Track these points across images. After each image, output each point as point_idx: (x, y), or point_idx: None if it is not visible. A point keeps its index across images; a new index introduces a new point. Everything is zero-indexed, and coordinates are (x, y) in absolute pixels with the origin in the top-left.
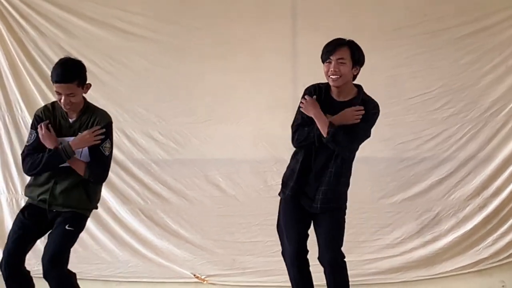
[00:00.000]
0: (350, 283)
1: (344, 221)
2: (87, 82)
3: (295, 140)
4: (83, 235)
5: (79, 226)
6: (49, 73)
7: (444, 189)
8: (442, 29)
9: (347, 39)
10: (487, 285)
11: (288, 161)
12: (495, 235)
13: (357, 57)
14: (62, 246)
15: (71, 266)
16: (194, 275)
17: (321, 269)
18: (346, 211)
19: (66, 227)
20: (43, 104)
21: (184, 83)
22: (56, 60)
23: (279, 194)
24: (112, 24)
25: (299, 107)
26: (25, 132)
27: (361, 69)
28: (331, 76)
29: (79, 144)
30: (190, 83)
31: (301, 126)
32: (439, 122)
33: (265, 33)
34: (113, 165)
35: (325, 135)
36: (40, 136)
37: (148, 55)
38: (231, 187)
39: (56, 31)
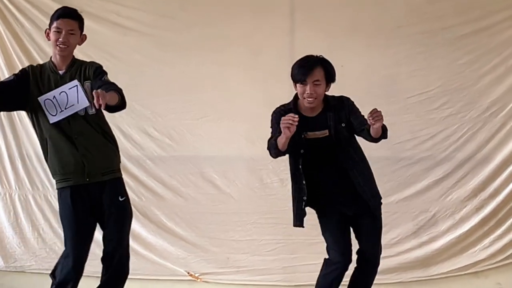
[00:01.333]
0: (344, 283)
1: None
2: (84, 34)
3: (270, 153)
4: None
5: (125, 190)
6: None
7: (441, 190)
8: (441, 29)
9: (319, 56)
10: (483, 287)
11: (284, 160)
12: (492, 237)
13: (330, 76)
14: (126, 229)
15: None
16: (188, 273)
17: None
18: None
19: (119, 198)
20: None
21: (179, 79)
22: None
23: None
24: (108, 18)
25: (272, 131)
26: (20, 126)
27: (359, 67)
28: (307, 99)
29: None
30: (187, 79)
31: (271, 139)
32: (437, 122)
33: (263, 30)
34: None
35: (380, 134)
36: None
37: (144, 50)
38: (226, 185)
39: None
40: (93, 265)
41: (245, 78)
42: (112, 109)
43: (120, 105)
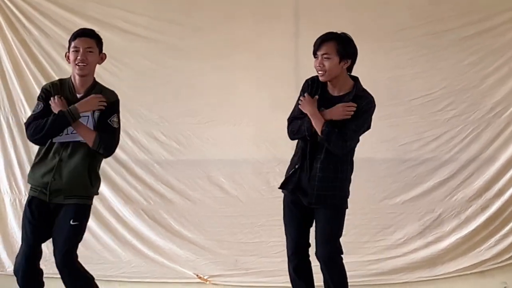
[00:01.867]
0: (352, 283)
1: (343, 218)
2: (103, 53)
3: (289, 132)
4: (86, 235)
5: (84, 217)
6: (53, 73)
7: (447, 190)
8: (445, 30)
9: (339, 32)
10: (489, 286)
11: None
12: (497, 236)
13: (343, 51)
14: (70, 243)
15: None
16: (197, 276)
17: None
18: (348, 211)
19: (71, 222)
20: None
21: (187, 84)
22: (59, 60)
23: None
24: (115, 24)
25: (298, 99)
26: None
27: (363, 69)
28: (318, 72)
29: (84, 106)
30: (193, 84)
31: (295, 119)
32: (441, 123)
33: (268, 34)
34: (116, 165)
35: (319, 134)
36: (52, 105)
37: (151, 56)
38: (233, 188)
39: (60, 32)
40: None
41: (251, 82)
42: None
43: (97, 150)
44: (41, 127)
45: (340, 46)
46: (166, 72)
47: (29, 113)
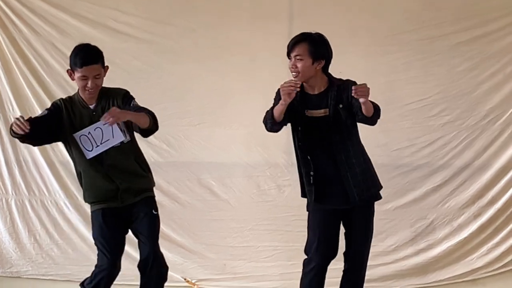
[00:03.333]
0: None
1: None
2: (106, 65)
3: (264, 124)
4: (72, 236)
5: (157, 208)
6: (42, 72)
7: (439, 197)
8: (439, 36)
9: (313, 32)
10: None
11: (281, 166)
12: (489, 244)
13: (315, 52)
14: (157, 233)
15: (59, 268)
16: (185, 279)
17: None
18: None
19: (153, 211)
20: (35, 103)
21: (178, 85)
22: (49, 59)
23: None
24: (107, 24)
25: (275, 99)
26: None
27: (357, 74)
28: (291, 73)
29: (120, 118)
30: (184, 85)
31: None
32: (435, 129)
33: (261, 35)
34: None
35: (371, 112)
36: None
37: (142, 56)
38: (223, 191)
39: (50, 30)
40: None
41: (243, 84)
42: (145, 132)
43: (153, 127)
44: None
45: (312, 47)
46: (157, 73)
47: (17, 111)
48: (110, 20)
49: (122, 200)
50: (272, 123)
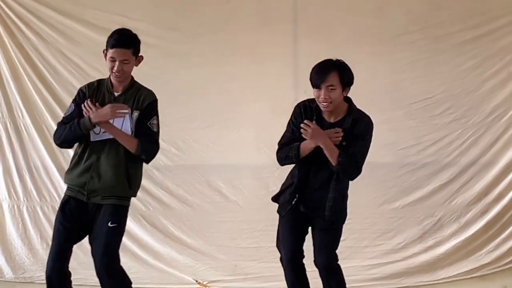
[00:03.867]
0: None
1: (342, 226)
2: (140, 54)
3: (278, 159)
4: (83, 240)
5: (122, 219)
6: (50, 79)
7: (446, 195)
8: (443, 35)
9: (335, 60)
10: None
11: (290, 167)
12: (497, 240)
13: (346, 80)
14: (111, 247)
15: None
16: (196, 281)
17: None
18: (348, 215)
19: (109, 224)
20: (44, 110)
21: (185, 89)
22: (57, 66)
23: (274, 200)
24: (113, 30)
25: (289, 124)
26: (27, 138)
27: (363, 74)
28: (322, 103)
29: (98, 117)
30: (192, 89)
31: (285, 145)
32: (440, 128)
33: (267, 39)
34: None
35: (335, 164)
36: (84, 110)
37: (149, 61)
38: (232, 193)
39: (58, 37)
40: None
41: (250, 87)
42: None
43: (139, 157)
44: (59, 134)
45: (342, 75)
46: (165, 77)
47: (27, 118)
48: (117, 26)
49: (88, 196)
50: (293, 160)
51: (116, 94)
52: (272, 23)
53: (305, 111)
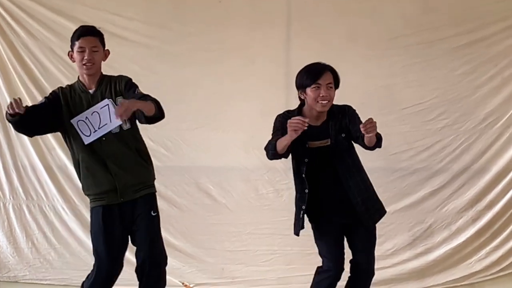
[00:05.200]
0: None
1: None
2: (106, 49)
3: (267, 153)
4: (70, 240)
5: (157, 206)
6: (40, 77)
7: (437, 201)
8: (437, 39)
9: (324, 63)
10: None
11: (280, 170)
12: (487, 248)
13: (338, 82)
14: (158, 239)
15: (57, 272)
16: (183, 283)
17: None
18: None
19: (152, 213)
20: None
21: (175, 89)
22: (47, 63)
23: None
24: (105, 28)
25: (273, 134)
26: (14, 136)
27: (356, 77)
28: (321, 102)
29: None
30: (182, 89)
31: (271, 142)
32: (433, 133)
33: (259, 40)
34: None
35: (379, 140)
36: None
37: (139, 60)
38: (221, 195)
39: (48, 34)
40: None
41: (242, 88)
42: (150, 119)
43: (158, 115)
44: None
45: (335, 77)
46: (155, 77)
47: None
48: (108, 24)
49: (122, 194)
50: (273, 154)
51: (91, 91)
52: (264, 24)
53: (286, 121)
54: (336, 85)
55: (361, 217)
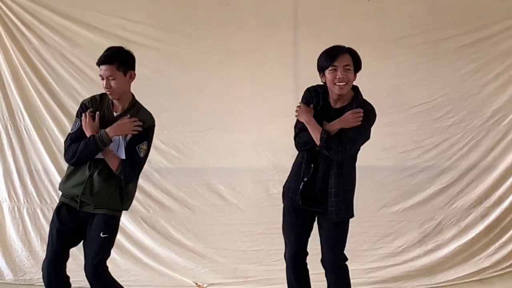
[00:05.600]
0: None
1: (349, 223)
2: (131, 71)
3: (297, 144)
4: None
5: (113, 229)
6: (51, 82)
7: (446, 198)
8: (444, 39)
9: (346, 46)
10: None
11: (290, 170)
12: (497, 244)
13: (357, 63)
14: (100, 256)
15: (71, 274)
16: (196, 284)
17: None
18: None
19: (101, 234)
20: (44, 112)
21: (186, 92)
22: (58, 68)
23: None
24: (114, 33)
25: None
26: (27, 140)
27: (363, 78)
28: (338, 84)
29: (117, 130)
30: (192, 92)
31: (302, 131)
32: (441, 131)
33: (267, 42)
34: None
35: (317, 143)
36: (83, 124)
37: (150, 64)
38: (233, 196)
39: (59, 40)
40: None
41: (250, 90)
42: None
43: (119, 175)
44: (73, 153)
45: (355, 58)
46: (165, 80)
47: (28, 121)
48: (118, 28)
49: (81, 206)
50: (312, 148)
51: (115, 114)
52: (272, 26)
53: (315, 95)
54: (357, 68)
55: (328, 209)
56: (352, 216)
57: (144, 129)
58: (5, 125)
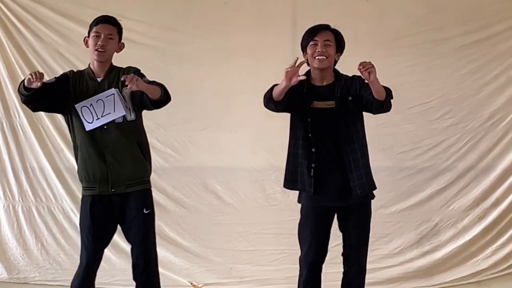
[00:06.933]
0: None
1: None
2: (122, 43)
3: (263, 98)
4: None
5: (152, 203)
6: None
7: (443, 199)
8: (443, 39)
9: (327, 24)
10: None
11: None
12: (494, 246)
13: (339, 42)
14: (150, 235)
15: (66, 273)
16: (191, 283)
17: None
18: None
19: (144, 211)
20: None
21: (183, 90)
22: (54, 66)
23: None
24: None
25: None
26: (23, 138)
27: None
28: (317, 57)
29: (140, 84)
30: (189, 90)
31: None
32: (439, 132)
33: (265, 41)
34: None
35: (386, 96)
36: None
37: (146, 62)
38: (229, 196)
39: (55, 37)
40: None
41: (248, 88)
42: (157, 103)
43: (164, 98)
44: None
45: (337, 37)
46: (162, 78)
47: (23, 118)
48: None
49: (113, 186)
50: (268, 98)
51: (99, 79)
52: (270, 25)
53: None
54: (339, 47)
55: (351, 186)
56: (375, 188)
57: (134, 72)
58: (0, 123)
